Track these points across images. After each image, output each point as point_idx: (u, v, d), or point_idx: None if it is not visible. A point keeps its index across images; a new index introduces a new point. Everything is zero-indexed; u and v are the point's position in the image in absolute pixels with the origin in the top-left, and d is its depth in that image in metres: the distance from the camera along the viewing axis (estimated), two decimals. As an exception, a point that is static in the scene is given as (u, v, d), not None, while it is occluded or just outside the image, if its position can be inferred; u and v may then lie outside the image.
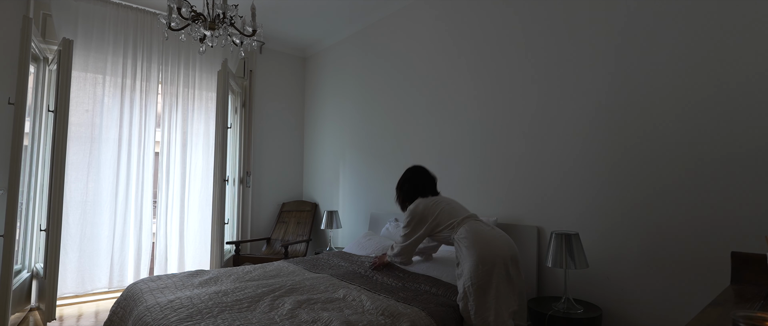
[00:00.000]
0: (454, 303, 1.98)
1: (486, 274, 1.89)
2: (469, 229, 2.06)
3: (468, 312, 1.89)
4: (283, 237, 4.43)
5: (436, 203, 2.23)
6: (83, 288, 3.54)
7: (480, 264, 1.91)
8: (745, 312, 0.91)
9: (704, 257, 1.87)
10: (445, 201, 2.25)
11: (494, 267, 1.92)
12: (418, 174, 2.39)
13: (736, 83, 1.82)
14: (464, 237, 2.03)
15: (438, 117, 3.26)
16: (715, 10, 1.89)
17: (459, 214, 2.17)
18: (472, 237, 2.01)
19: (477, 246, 1.97)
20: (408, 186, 2.37)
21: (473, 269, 1.91)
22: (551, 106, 2.51)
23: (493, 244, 1.99)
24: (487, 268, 1.90)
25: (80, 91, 3.59)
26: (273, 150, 4.81)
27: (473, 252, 1.96)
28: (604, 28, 2.29)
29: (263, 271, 2.54)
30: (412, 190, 2.35)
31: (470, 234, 2.03)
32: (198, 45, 4.02)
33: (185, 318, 1.65)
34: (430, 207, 2.21)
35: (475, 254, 1.95)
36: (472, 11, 3.04)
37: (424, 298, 2.02)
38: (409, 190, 2.36)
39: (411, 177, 2.39)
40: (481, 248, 1.96)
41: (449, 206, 2.22)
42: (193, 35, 2.46)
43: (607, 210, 2.23)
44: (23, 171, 3.02)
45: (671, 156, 2.00)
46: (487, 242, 1.99)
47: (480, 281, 1.88)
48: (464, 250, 2.00)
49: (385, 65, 3.84)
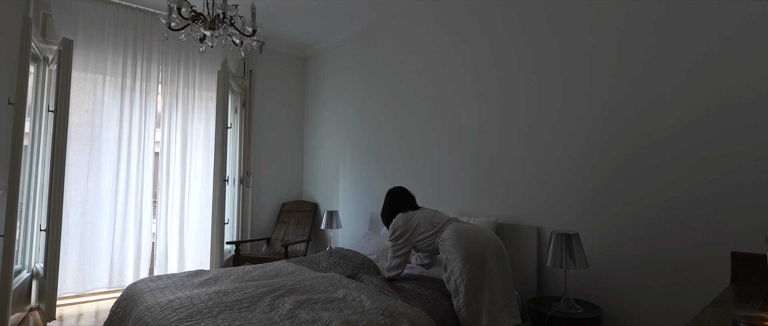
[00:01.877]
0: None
1: (476, 269, 1.93)
2: (452, 229, 2.10)
3: (459, 309, 1.90)
4: (283, 237, 4.43)
5: (414, 214, 2.30)
6: (83, 288, 3.54)
7: (468, 259, 1.94)
8: (745, 312, 0.91)
9: (704, 257, 1.87)
10: (424, 211, 2.32)
11: (484, 262, 1.95)
12: (396, 195, 2.47)
13: (736, 83, 1.82)
14: (448, 238, 2.07)
15: (437, 117, 3.26)
16: (715, 11, 1.89)
17: (440, 219, 2.22)
18: (456, 236, 2.04)
19: (462, 242, 2.00)
20: (387, 209, 2.46)
21: (462, 265, 1.94)
22: (551, 106, 2.51)
23: (479, 239, 2.02)
24: (476, 263, 1.94)
25: (80, 91, 3.59)
26: (273, 150, 4.81)
27: (459, 248, 1.98)
28: (604, 29, 2.29)
29: (263, 271, 2.54)
30: (391, 210, 2.43)
31: (454, 234, 2.06)
32: (198, 45, 4.02)
33: (185, 318, 1.65)
34: (410, 218, 2.27)
35: (462, 250, 1.97)
36: (472, 12, 3.04)
37: (424, 298, 2.02)
38: (389, 211, 2.44)
39: (390, 199, 2.47)
40: (467, 244, 1.99)
41: (429, 214, 2.27)
42: (193, 35, 2.46)
43: (607, 210, 2.23)
44: (23, 171, 3.02)
45: (671, 156, 2.00)
46: (471, 238, 2.02)
47: (470, 276, 1.91)
48: (450, 248, 2.03)
49: (385, 65, 3.84)
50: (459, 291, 1.92)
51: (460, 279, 1.92)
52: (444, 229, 2.14)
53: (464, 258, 1.95)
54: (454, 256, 1.99)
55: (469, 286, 1.90)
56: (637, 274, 2.10)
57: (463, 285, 1.91)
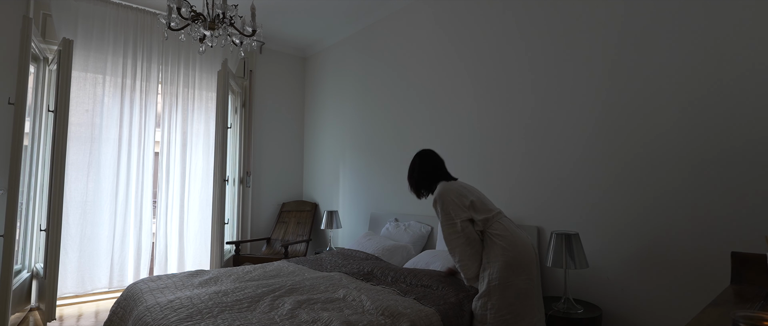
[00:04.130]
0: (460, 300, 1.95)
1: (522, 277, 1.80)
2: (505, 225, 1.90)
3: (485, 311, 1.80)
4: (283, 237, 4.43)
5: (466, 187, 1.98)
6: (83, 288, 3.54)
7: (515, 267, 1.80)
8: (745, 312, 0.91)
9: (704, 257, 1.87)
10: (470, 187, 2.01)
11: (532, 272, 1.83)
12: (430, 158, 2.11)
13: (735, 82, 1.82)
14: (500, 235, 1.86)
15: (437, 117, 3.26)
16: (712, 10, 1.88)
17: (492, 206, 1.98)
18: (509, 238, 1.85)
19: (514, 248, 1.83)
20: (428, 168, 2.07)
21: (504, 269, 1.80)
22: (551, 106, 2.51)
23: (526, 246, 1.88)
24: (523, 271, 1.81)
25: (80, 91, 3.59)
26: (273, 150, 4.81)
27: (508, 253, 1.82)
28: (603, 29, 2.28)
29: (263, 271, 2.54)
30: (430, 174, 2.06)
31: (507, 233, 1.87)
32: (198, 45, 4.02)
33: (185, 318, 1.65)
34: (460, 189, 1.95)
35: (510, 256, 1.81)
36: (472, 13, 3.04)
37: (428, 295, 2.01)
38: (424, 175, 2.06)
39: (425, 160, 2.10)
40: (518, 252, 1.83)
41: (480, 195, 1.99)
42: (193, 35, 2.46)
43: (607, 210, 2.23)
44: (23, 171, 3.02)
45: (671, 156, 2.00)
46: (522, 245, 1.86)
47: (507, 281, 1.78)
48: (498, 249, 1.84)
49: (385, 65, 3.84)
50: (491, 294, 1.79)
51: (495, 282, 1.78)
52: (497, 220, 1.91)
53: (509, 264, 1.80)
54: (499, 257, 1.82)
55: (506, 294, 1.77)
56: (637, 274, 2.10)
57: (498, 288, 1.77)
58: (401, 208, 3.55)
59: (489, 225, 1.90)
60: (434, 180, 2.05)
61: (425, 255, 2.75)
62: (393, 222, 3.41)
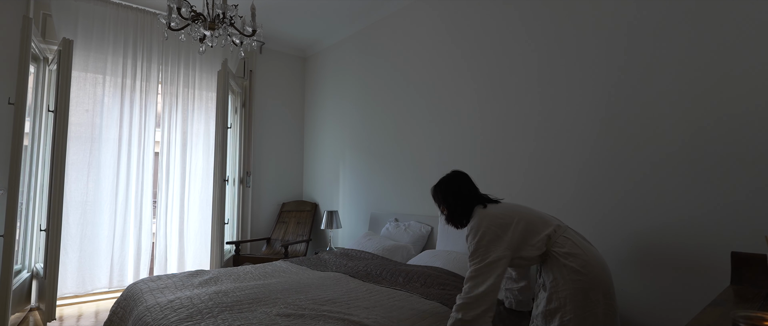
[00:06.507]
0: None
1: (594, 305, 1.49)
2: (573, 240, 1.57)
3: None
4: (283, 237, 4.43)
5: (504, 208, 1.66)
6: (83, 288, 3.54)
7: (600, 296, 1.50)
8: (745, 312, 0.91)
9: (704, 257, 1.87)
10: (515, 205, 1.71)
11: (612, 295, 1.54)
12: (460, 179, 1.79)
13: (736, 82, 1.82)
14: (570, 253, 1.53)
15: (438, 117, 3.26)
16: (718, 10, 1.89)
17: (550, 219, 1.66)
18: (584, 257, 1.53)
19: (593, 270, 1.52)
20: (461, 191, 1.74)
21: (584, 300, 1.49)
22: (552, 106, 2.51)
23: (604, 266, 1.58)
24: (604, 293, 1.51)
25: (80, 91, 3.59)
26: (273, 150, 4.81)
27: (586, 278, 1.50)
28: (607, 28, 2.28)
29: (263, 271, 2.54)
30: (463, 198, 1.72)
31: (579, 251, 1.54)
32: (198, 45, 4.02)
33: (185, 318, 1.65)
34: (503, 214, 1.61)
35: (589, 281, 1.50)
36: (473, 11, 3.04)
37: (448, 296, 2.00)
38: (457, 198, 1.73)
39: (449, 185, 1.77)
40: (597, 275, 1.51)
41: (527, 210, 1.67)
42: (193, 35, 2.46)
43: (607, 210, 2.23)
44: (23, 171, 3.02)
45: (671, 155, 2.00)
46: (599, 267, 1.55)
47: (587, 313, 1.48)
48: (568, 273, 1.52)
49: (385, 65, 3.83)
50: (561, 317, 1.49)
51: (568, 316, 1.48)
52: (562, 235, 1.60)
53: (587, 290, 1.49)
54: (571, 283, 1.50)
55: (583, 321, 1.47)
56: (636, 274, 2.10)
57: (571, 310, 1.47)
58: (401, 208, 3.55)
59: (553, 243, 1.58)
60: (470, 204, 1.72)
61: (425, 255, 2.76)
62: (393, 222, 3.41)
